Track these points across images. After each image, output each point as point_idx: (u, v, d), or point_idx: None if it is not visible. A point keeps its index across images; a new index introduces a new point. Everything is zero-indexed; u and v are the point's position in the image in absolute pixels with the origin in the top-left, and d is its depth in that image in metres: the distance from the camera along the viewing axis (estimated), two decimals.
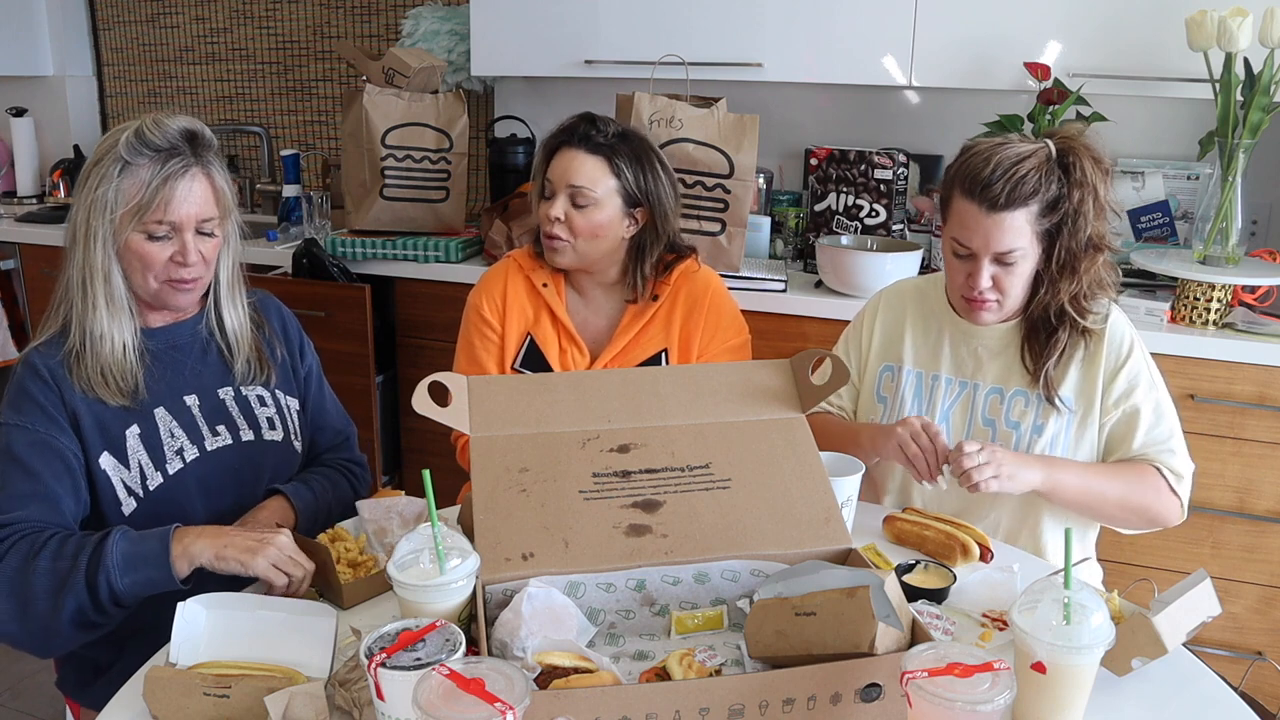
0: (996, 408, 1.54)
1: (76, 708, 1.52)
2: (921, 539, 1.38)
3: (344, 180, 2.74)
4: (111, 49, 3.67)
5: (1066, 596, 0.93)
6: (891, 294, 1.70)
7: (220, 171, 1.40)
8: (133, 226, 1.33)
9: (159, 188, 1.32)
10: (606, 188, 1.68)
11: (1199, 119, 2.39)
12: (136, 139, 1.32)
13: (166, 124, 1.34)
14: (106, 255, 1.34)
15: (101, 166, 1.33)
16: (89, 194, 1.33)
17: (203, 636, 1.06)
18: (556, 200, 1.68)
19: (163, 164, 1.32)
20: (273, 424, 1.50)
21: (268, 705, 0.97)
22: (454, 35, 2.91)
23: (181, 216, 1.34)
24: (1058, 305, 1.47)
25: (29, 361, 1.36)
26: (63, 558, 1.21)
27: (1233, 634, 2.22)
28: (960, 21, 2.36)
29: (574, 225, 1.68)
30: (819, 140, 2.74)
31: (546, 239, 1.71)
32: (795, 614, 0.98)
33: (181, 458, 1.40)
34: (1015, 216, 1.40)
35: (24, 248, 3.13)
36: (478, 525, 1.12)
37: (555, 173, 1.69)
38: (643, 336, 1.75)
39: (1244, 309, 2.19)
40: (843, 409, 1.71)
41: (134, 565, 1.20)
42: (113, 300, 1.35)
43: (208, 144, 1.38)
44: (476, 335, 1.79)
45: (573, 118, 1.73)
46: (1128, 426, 1.49)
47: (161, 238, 1.35)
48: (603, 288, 1.79)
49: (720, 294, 1.78)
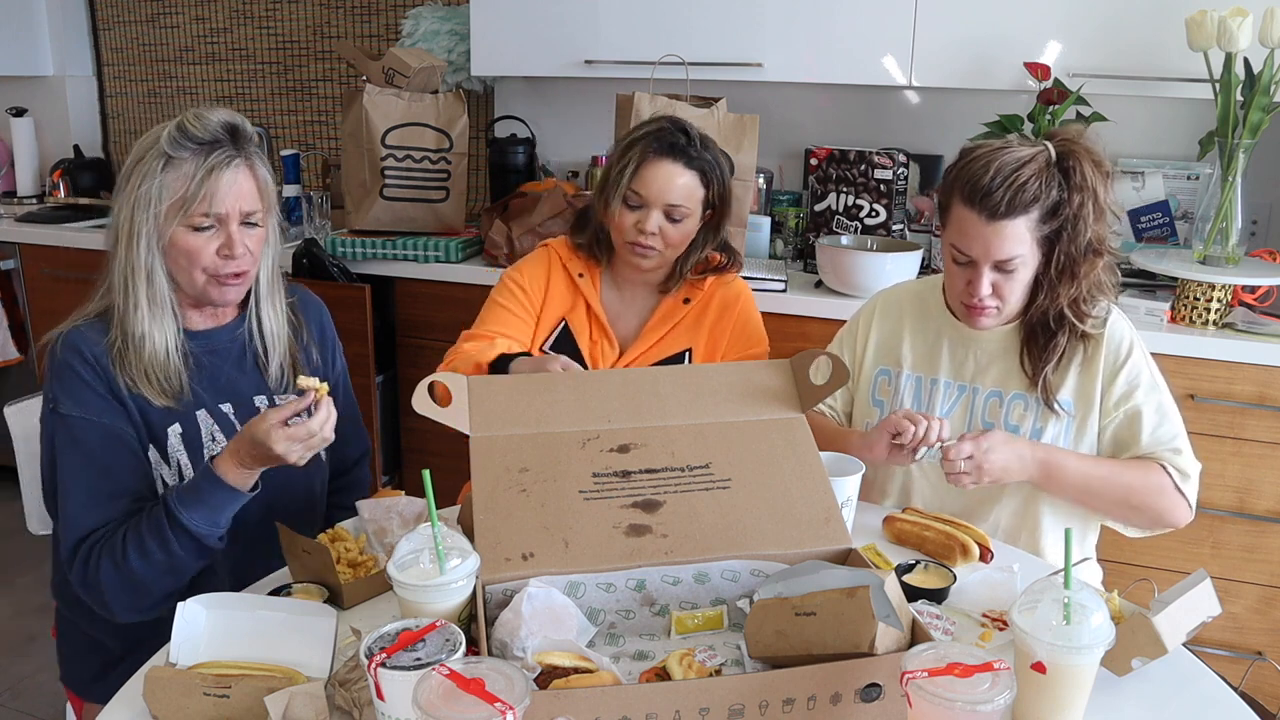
0: (996, 411, 1.54)
1: (79, 704, 1.52)
2: (921, 539, 1.38)
3: (344, 180, 2.74)
4: (111, 49, 3.67)
5: (1066, 596, 0.93)
6: (888, 298, 1.69)
7: (263, 164, 1.39)
8: (178, 220, 1.32)
9: (203, 179, 1.31)
10: (697, 200, 1.69)
11: (1199, 119, 2.39)
12: (179, 133, 1.31)
13: (208, 117, 1.33)
14: (150, 253, 1.33)
15: (144, 163, 1.31)
16: (132, 191, 1.32)
17: (203, 636, 1.06)
18: (651, 214, 1.66)
19: (206, 156, 1.31)
20: None
21: (268, 705, 0.97)
22: (454, 35, 2.91)
23: (227, 208, 1.33)
24: (1057, 310, 1.46)
25: (72, 347, 1.33)
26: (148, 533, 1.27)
27: (1233, 634, 2.22)
28: (960, 21, 2.36)
29: (667, 238, 1.68)
30: (819, 140, 2.73)
31: (635, 247, 1.69)
32: (795, 614, 0.98)
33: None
34: (1015, 224, 1.39)
35: (24, 248, 3.13)
36: (478, 525, 1.12)
37: (650, 187, 1.66)
38: (671, 335, 1.76)
39: (1244, 309, 2.19)
40: (834, 410, 1.71)
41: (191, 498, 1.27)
42: (154, 300, 1.34)
43: (249, 137, 1.37)
44: (509, 299, 1.76)
45: (660, 123, 1.70)
46: (1131, 428, 1.48)
47: (207, 228, 1.33)
48: (640, 282, 1.79)
49: (751, 304, 1.81)
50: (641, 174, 1.66)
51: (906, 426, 1.40)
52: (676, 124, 1.69)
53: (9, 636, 2.62)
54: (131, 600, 1.31)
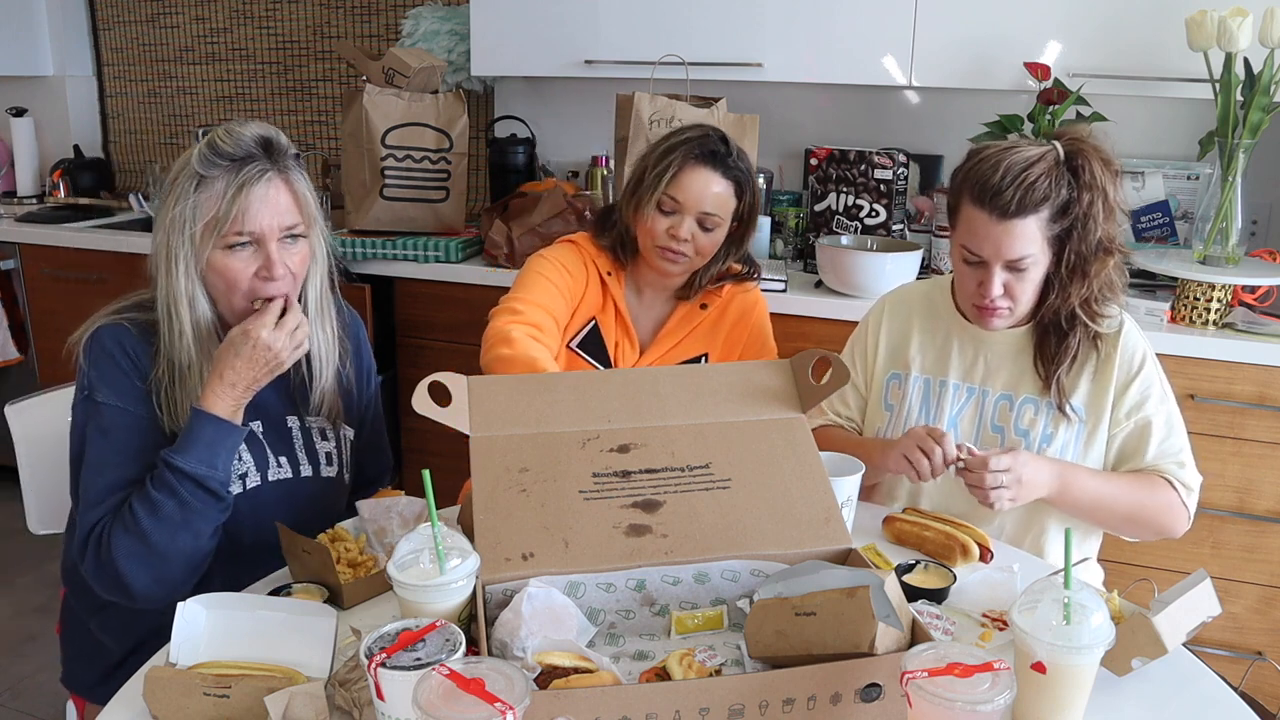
0: (1005, 414, 1.53)
1: (81, 704, 1.52)
2: (921, 539, 1.38)
3: (344, 180, 2.74)
4: (111, 49, 3.67)
5: (1066, 596, 0.93)
6: (896, 300, 1.68)
7: (301, 177, 1.33)
8: (213, 243, 1.27)
9: (235, 197, 1.25)
10: (729, 210, 1.70)
11: (1199, 119, 2.39)
12: (210, 150, 1.27)
13: (239, 132, 1.29)
14: (190, 280, 1.28)
15: (178, 185, 1.28)
16: (166, 213, 1.28)
17: (203, 636, 1.06)
18: (684, 220, 1.66)
19: (238, 171, 1.26)
20: (330, 459, 1.47)
21: (268, 705, 0.97)
22: (454, 35, 2.91)
23: (262, 226, 1.28)
24: (1069, 309, 1.45)
25: (116, 340, 1.30)
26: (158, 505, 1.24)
27: (1233, 634, 2.22)
28: (960, 21, 2.36)
29: (699, 245, 1.69)
30: (819, 140, 2.74)
31: (665, 252, 1.68)
32: (795, 614, 0.98)
33: (243, 483, 1.37)
34: (1026, 223, 1.38)
35: (24, 248, 3.13)
36: (478, 525, 1.12)
37: (687, 194, 1.65)
38: (688, 340, 1.77)
39: (1244, 309, 2.19)
40: (850, 419, 1.69)
41: (207, 449, 1.25)
42: (199, 327, 1.30)
43: (284, 150, 1.32)
44: (556, 275, 1.72)
45: (703, 129, 1.69)
46: (1140, 439, 1.48)
47: (242, 245, 1.28)
48: (660, 287, 1.79)
49: (765, 312, 1.83)
50: (680, 179, 1.65)
51: (919, 459, 1.40)
52: (717, 133, 1.69)
53: (9, 636, 2.62)
54: (150, 571, 1.25)
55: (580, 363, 1.73)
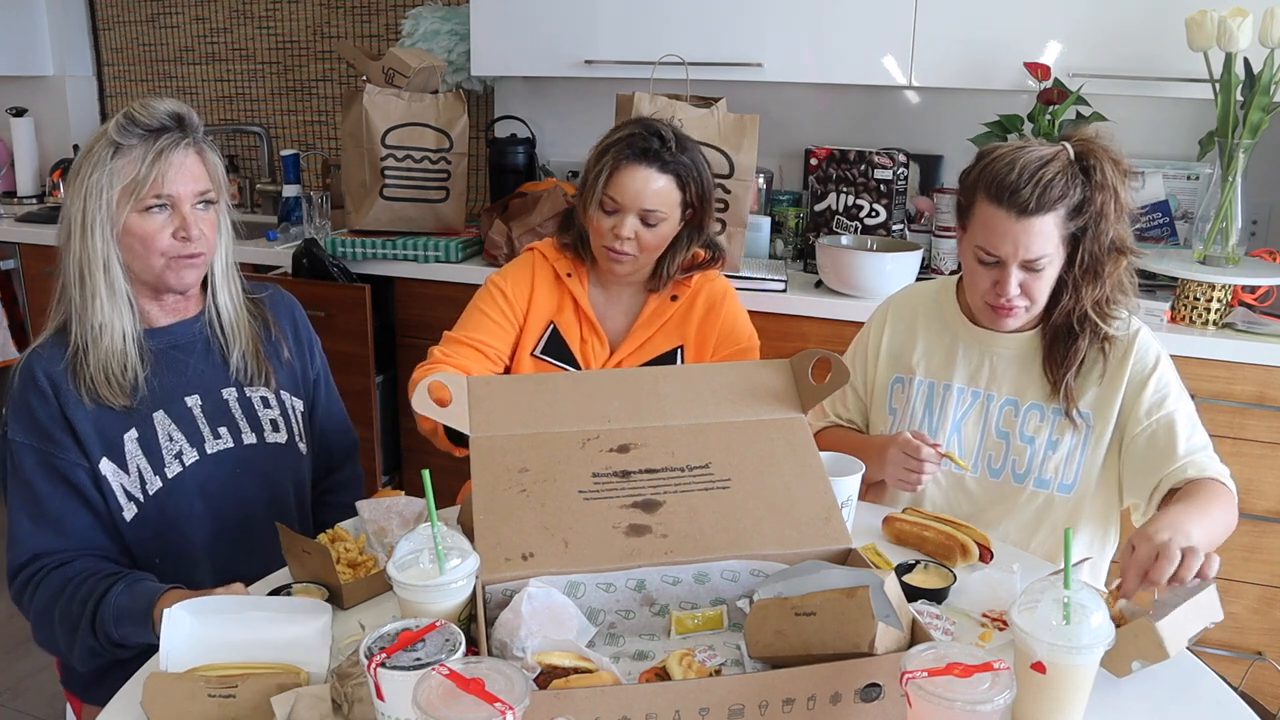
0: (1011, 420, 1.52)
1: (79, 705, 1.52)
2: (921, 539, 1.38)
3: (344, 180, 2.74)
4: (111, 49, 3.67)
5: (1066, 596, 0.93)
6: (900, 302, 1.67)
7: (211, 149, 1.40)
8: (130, 206, 1.33)
9: (154, 162, 1.32)
10: (673, 203, 1.68)
11: (1199, 119, 2.39)
12: (127, 120, 1.33)
13: (154, 105, 1.35)
14: (105, 242, 1.33)
15: (93, 154, 1.33)
16: (82, 182, 1.32)
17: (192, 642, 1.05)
18: (625, 220, 1.65)
19: (155, 140, 1.33)
20: (276, 426, 1.49)
21: (274, 706, 0.96)
22: (454, 35, 2.91)
23: (179, 189, 1.34)
24: (1080, 311, 1.44)
25: (28, 371, 1.35)
26: (75, 601, 1.29)
27: (1233, 634, 2.22)
28: (960, 21, 2.36)
29: (643, 242, 1.67)
30: (819, 140, 2.74)
31: (610, 252, 1.68)
32: (795, 614, 0.98)
33: (180, 461, 1.39)
34: (1044, 221, 1.38)
35: (24, 248, 3.13)
36: (478, 525, 1.12)
37: (624, 193, 1.64)
38: (661, 333, 1.76)
39: (1244, 309, 2.19)
40: (851, 421, 1.69)
41: (127, 619, 1.26)
42: (113, 289, 1.35)
43: (196, 125, 1.39)
44: (489, 305, 1.75)
45: (632, 127, 1.68)
46: (1168, 436, 1.44)
47: (160, 208, 1.34)
48: (626, 281, 1.78)
49: (735, 299, 1.81)
50: (616, 179, 1.65)
51: (913, 475, 1.39)
52: (649, 128, 1.67)
53: (9, 637, 2.61)
54: (51, 646, 1.38)
55: (548, 369, 1.73)
